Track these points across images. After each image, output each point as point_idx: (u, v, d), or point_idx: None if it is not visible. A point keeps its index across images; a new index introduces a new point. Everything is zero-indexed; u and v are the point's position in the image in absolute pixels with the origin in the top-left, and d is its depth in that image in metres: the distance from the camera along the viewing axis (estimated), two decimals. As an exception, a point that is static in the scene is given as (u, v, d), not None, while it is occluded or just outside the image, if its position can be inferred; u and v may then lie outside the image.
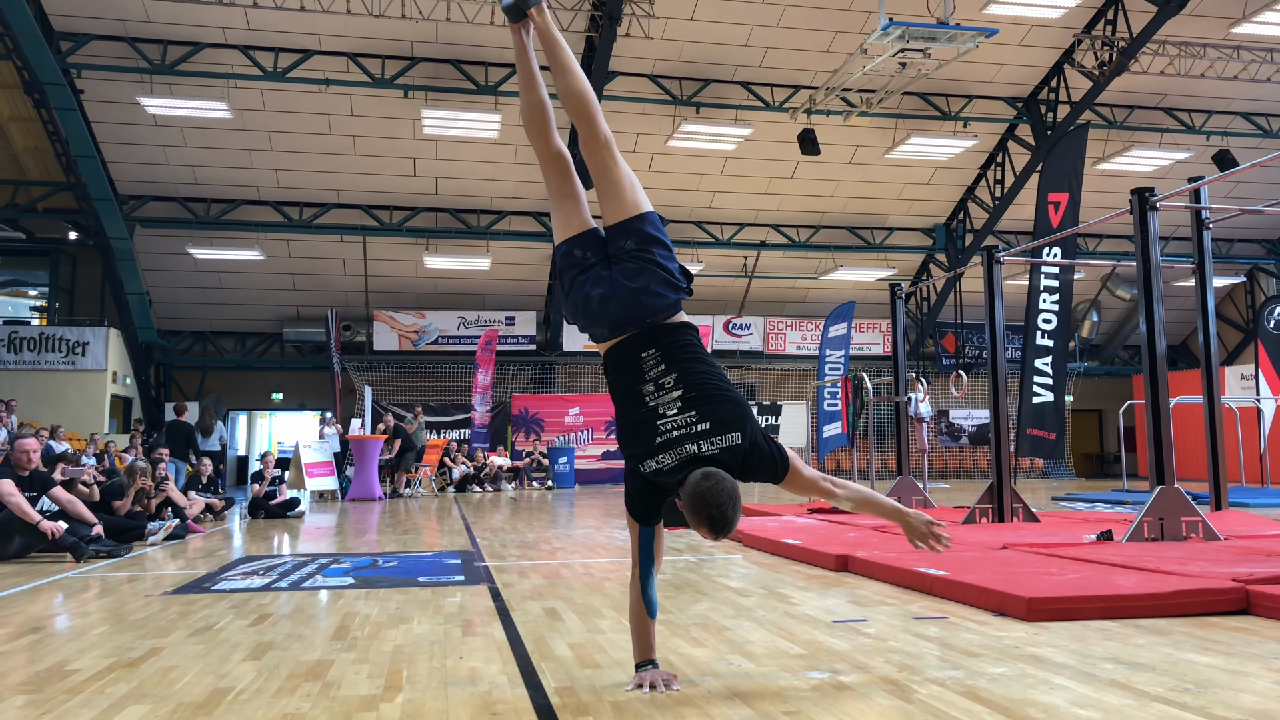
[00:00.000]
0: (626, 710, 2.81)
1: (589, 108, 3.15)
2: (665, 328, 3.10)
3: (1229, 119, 20.97)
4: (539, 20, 3.22)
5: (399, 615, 4.59)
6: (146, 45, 16.72)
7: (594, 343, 3.23)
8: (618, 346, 3.12)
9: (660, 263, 3.10)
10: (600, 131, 3.14)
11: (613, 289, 3.06)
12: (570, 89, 3.16)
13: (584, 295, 3.10)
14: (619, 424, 3.12)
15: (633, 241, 3.12)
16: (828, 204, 22.30)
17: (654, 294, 3.06)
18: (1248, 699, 2.79)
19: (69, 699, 3.08)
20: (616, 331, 3.11)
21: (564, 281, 3.19)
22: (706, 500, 2.80)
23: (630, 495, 3.07)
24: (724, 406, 2.99)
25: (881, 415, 22.39)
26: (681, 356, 3.06)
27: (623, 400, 3.09)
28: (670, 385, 3.01)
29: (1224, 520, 7.25)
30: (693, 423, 2.94)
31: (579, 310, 3.14)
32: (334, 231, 20.89)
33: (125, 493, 8.92)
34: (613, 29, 15.99)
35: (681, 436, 2.93)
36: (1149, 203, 6.89)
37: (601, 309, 3.06)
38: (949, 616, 4.24)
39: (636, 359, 3.07)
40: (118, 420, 21.01)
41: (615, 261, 3.12)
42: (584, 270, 3.13)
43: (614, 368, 3.13)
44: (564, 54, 3.21)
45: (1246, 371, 20.93)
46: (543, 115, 3.23)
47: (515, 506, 13.88)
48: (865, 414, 11.77)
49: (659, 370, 3.04)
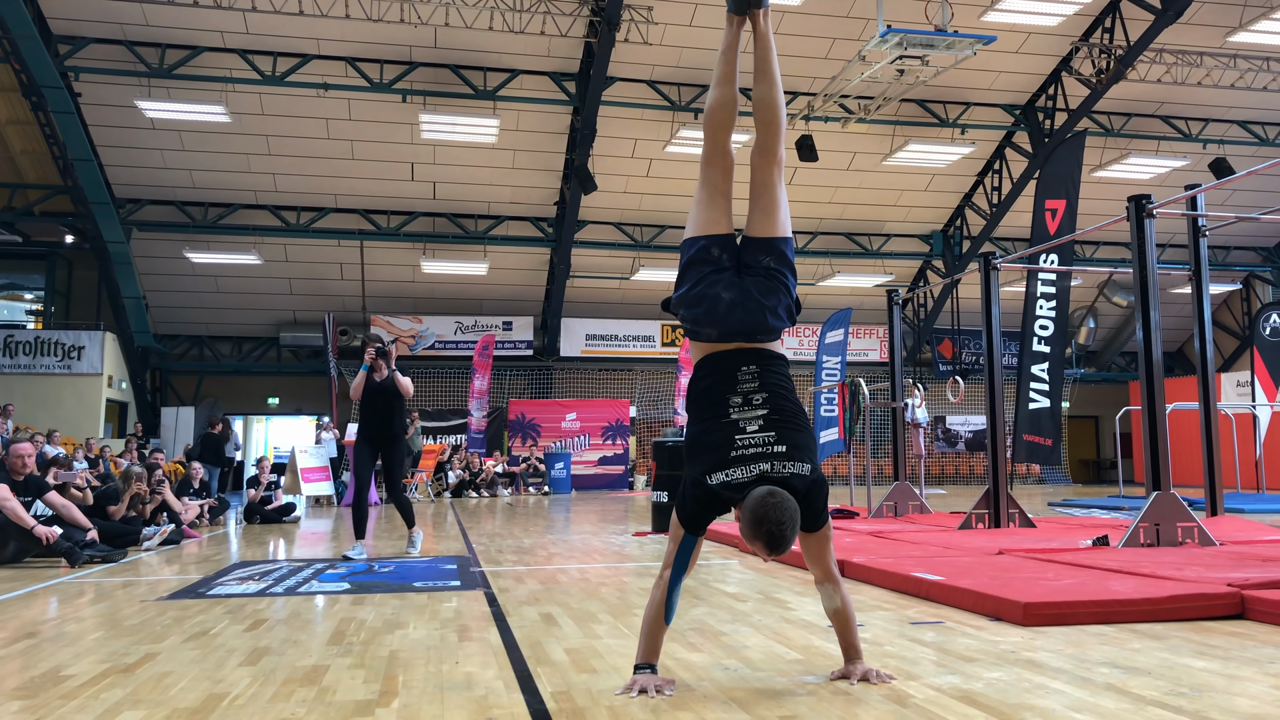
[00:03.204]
0: (623, 715, 2.80)
1: (780, 120, 3.23)
2: (769, 351, 3.16)
3: (1225, 127, 21.03)
4: (760, 21, 3.26)
5: (395, 620, 4.58)
6: (144, 49, 16.73)
7: (692, 339, 3.24)
8: (720, 354, 3.15)
9: (789, 289, 3.19)
10: (780, 146, 3.23)
11: (743, 298, 3.12)
12: (769, 97, 3.22)
13: (714, 294, 3.14)
14: (693, 432, 3.11)
15: (773, 260, 3.19)
16: (826, 210, 22.34)
17: (778, 315, 3.15)
18: (1243, 703, 2.79)
19: (64, 704, 3.07)
20: (726, 338, 3.14)
21: (690, 274, 3.21)
22: (769, 515, 2.81)
23: (686, 503, 3.05)
24: (802, 435, 3.04)
25: (878, 421, 22.41)
26: (775, 380, 3.11)
27: (705, 408, 3.10)
28: (759, 403, 3.04)
29: (1220, 526, 7.25)
30: (770, 443, 2.98)
31: (702, 306, 3.15)
32: (331, 236, 20.90)
33: (120, 497, 8.91)
34: (611, 34, 16.02)
35: (757, 454, 2.96)
36: (1146, 210, 6.90)
37: (728, 313, 3.11)
38: (945, 621, 4.24)
39: (735, 370, 3.10)
40: (113, 425, 20.98)
41: (748, 272, 3.18)
42: (718, 270, 3.18)
43: (708, 373, 3.15)
44: (774, 60, 3.26)
45: (1242, 378, 20.94)
46: (730, 113, 3.27)
47: (511, 512, 13.87)
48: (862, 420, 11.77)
49: (753, 386, 3.07)
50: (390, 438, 7.69)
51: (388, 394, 7.62)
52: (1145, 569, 5.01)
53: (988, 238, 22.22)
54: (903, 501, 10.14)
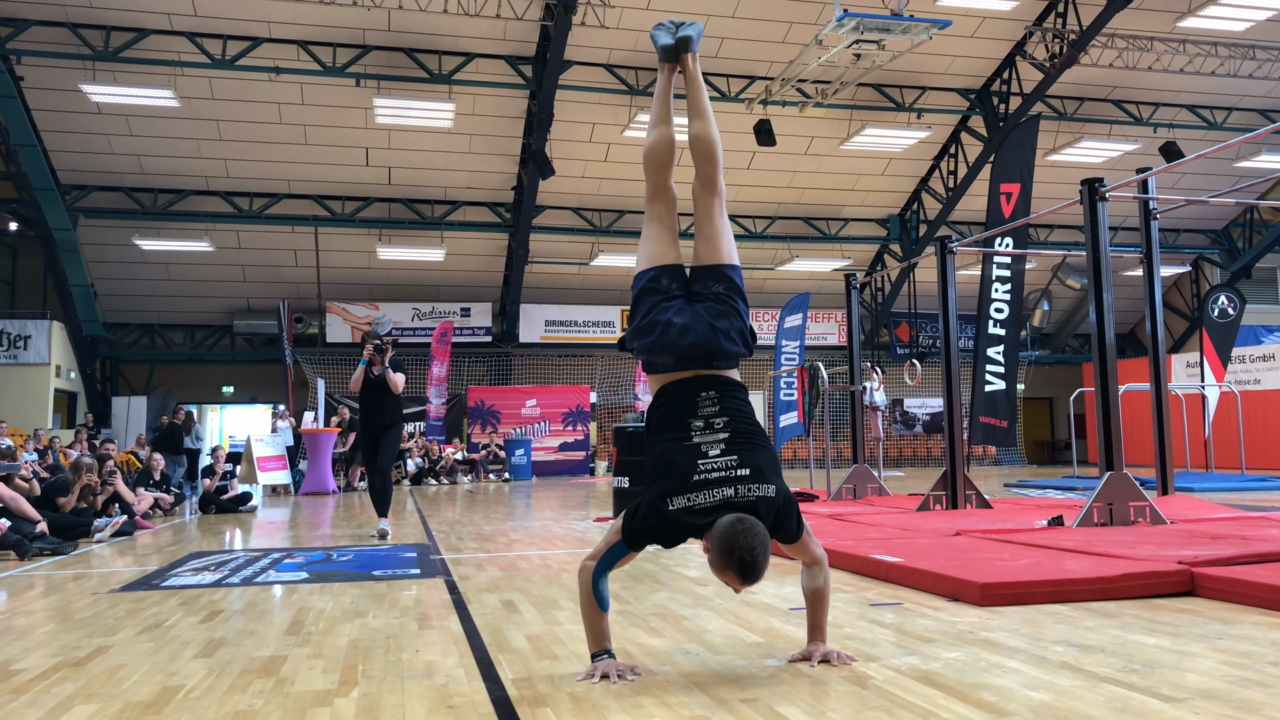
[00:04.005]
0: (584, 701, 2.80)
1: (716, 153, 3.36)
2: (727, 378, 3.16)
3: (1175, 111, 21.37)
4: (690, 64, 3.44)
5: (354, 609, 4.54)
6: (89, 31, 16.34)
7: (649, 372, 3.25)
8: (677, 383, 3.14)
9: (741, 315, 3.22)
10: (719, 178, 3.36)
11: (695, 321, 3.14)
12: (704, 132, 3.34)
13: (665, 320, 3.15)
14: (654, 455, 3.06)
15: (722, 287, 3.24)
16: (783, 195, 22.41)
17: (732, 339, 3.16)
18: (1193, 679, 2.84)
19: (14, 699, 3.01)
20: (681, 365, 3.14)
21: (642, 306, 3.24)
22: (740, 541, 2.76)
23: (636, 521, 2.98)
24: (765, 455, 3.01)
25: (837, 404, 22.59)
26: (735, 405, 3.10)
27: (665, 430, 3.07)
28: (720, 426, 3.02)
29: (1170, 505, 7.39)
30: (733, 466, 2.94)
31: (654, 333, 3.16)
32: (285, 222, 20.61)
33: (70, 489, 8.74)
34: (568, 18, 15.90)
35: (720, 479, 2.91)
36: (1098, 193, 6.99)
37: (679, 337, 3.12)
38: (904, 603, 4.29)
39: (694, 396, 3.09)
40: (62, 415, 20.58)
41: (699, 299, 3.22)
42: (667, 298, 3.22)
43: (666, 400, 3.13)
44: (705, 98, 3.39)
45: (1192, 359, 21.37)
46: (669, 151, 3.39)
47: (471, 499, 13.81)
48: (821, 403, 11.85)
49: (713, 410, 3.05)
50: (386, 426, 8.33)
51: (385, 386, 8.30)
52: (1099, 548, 5.10)
53: (944, 222, 22.42)
54: (861, 484, 10.23)
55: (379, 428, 8.35)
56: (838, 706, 2.67)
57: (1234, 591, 4.04)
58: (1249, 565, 4.42)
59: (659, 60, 3.48)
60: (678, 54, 3.44)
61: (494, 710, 2.76)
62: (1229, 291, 17.29)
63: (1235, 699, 2.62)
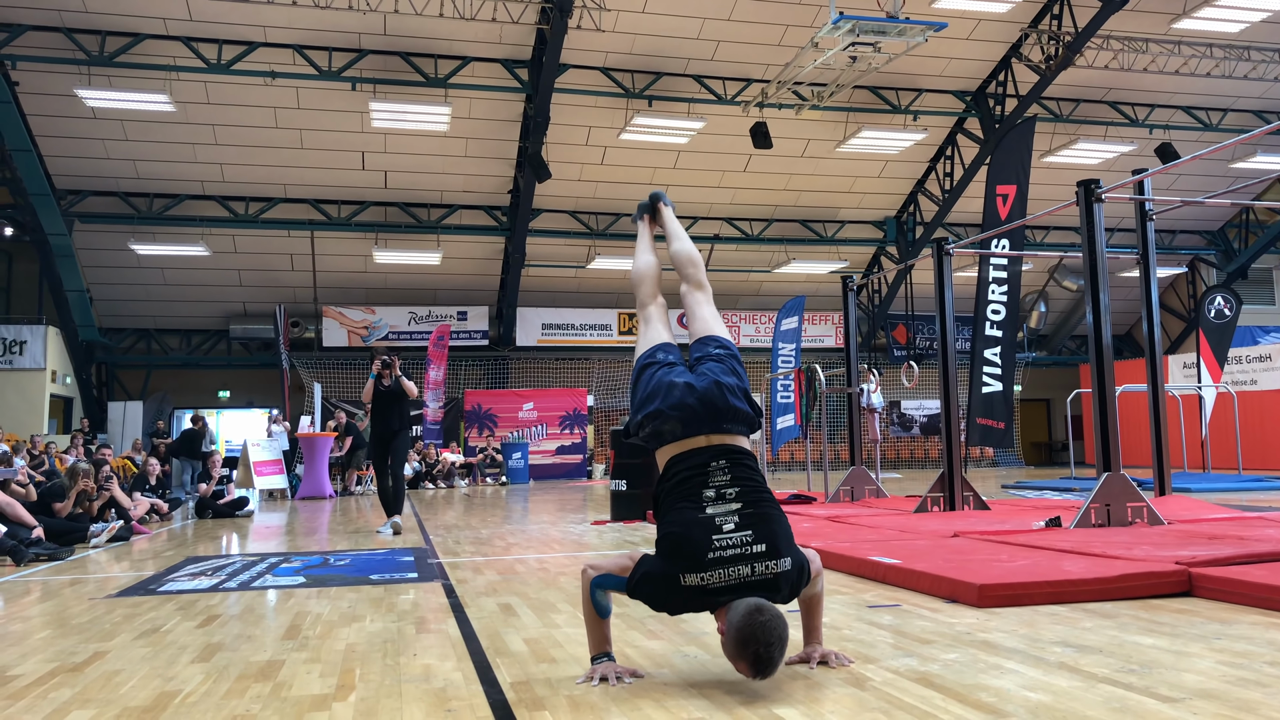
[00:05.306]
0: (582, 704, 2.79)
1: (698, 262, 3.60)
2: (737, 447, 3.08)
3: (1170, 113, 21.41)
4: (663, 212, 3.78)
5: (351, 614, 4.53)
6: (84, 36, 16.34)
7: (656, 446, 3.16)
8: (687, 453, 3.06)
9: (742, 377, 3.24)
10: (704, 278, 3.57)
11: (699, 380, 3.13)
12: (683, 250, 3.61)
13: (668, 382, 3.13)
14: (666, 529, 2.97)
15: (722, 351, 3.29)
16: (780, 197, 22.42)
17: (739, 397, 3.13)
18: (1191, 679, 2.84)
19: (10, 705, 3.00)
20: (691, 428, 3.06)
21: (643, 380, 3.24)
22: (756, 637, 2.68)
23: (644, 584, 2.93)
24: (779, 527, 2.93)
25: (834, 407, 22.58)
26: (746, 474, 3.02)
27: (677, 501, 2.99)
28: (732, 497, 2.94)
29: (1168, 505, 7.40)
30: (749, 543, 2.85)
31: (658, 398, 3.10)
32: (281, 226, 20.60)
33: (66, 494, 8.71)
34: (564, 21, 15.91)
35: (736, 556, 2.83)
36: (1094, 195, 6.99)
37: (686, 394, 3.07)
38: (902, 604, 4.28)
39: (705, 466, 3.01)
40: (58, 420, 20.55)
41: (700, 363, 3.26)
42: (668, 367, 3.23)
43: (676, 470, 3.05)
44: (676, 226, 3.72)
45: (1189, 360, 21.38)
46: (655, 272, 3.63)
47: (469, 503, 13.79)
48: (818, 406, 11.85)
49: (725, 480, 2.97)
50: (395, 431, 9.16)
51: (393, 396, 9.16)
52: (1096, 549, 5.09)
53: (940, 223, 22.44)
54: (859, 486, 10.23)
55: (389, 433, 9.12)
56: (836, 708, 2.66)
57: (1231, 592, 4.04)
58: (1246, 565, 4.42)
59: (635, 220, 3.82)
60: (652, 208, 3.79)
61: (492, 713, 2.75)
62: (1225, 292, 17.30)
63: (1233, 699, 2.62)
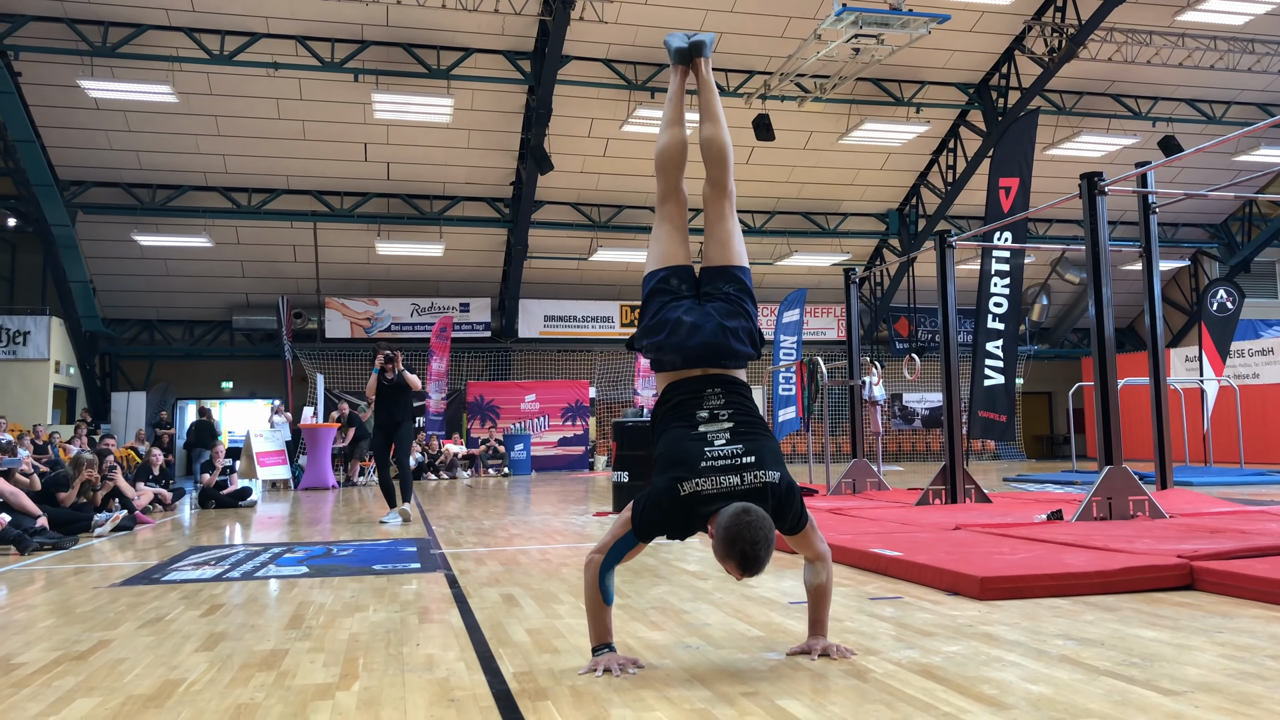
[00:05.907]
0: (585, 694, 2.80)
1: (728, 156, 3.38)
2: (733, 378, 3.21)
3: (1174, 105, 21.35)
4: (703, 69, 3.50)
5: (354, 604, 4.54)
6: (86, 26, 16.31)
7: (657, 370, 3.29)
8: (684, 380, 3.18)
9: (751, 315, 3.28)
10: (729, 180, 3.38)
11: (704, 320, 3.19)
12: (716, 136, 3.37)
13: (674, 319, 3.20)
14: (663, 445, 3.11)
15: (732, 288, 3.29)
16: (783, 190, 22.38)
17: (740, 339, 3.21)
18: (1192, 672, 2.85)
19: (15, 692, 3.01)
20: (690, 363, 3.18)
21: (651, 305, 3.29)
22: (743, 534, 2.79)
23: (649, 509, 3.01)
24: (769, 443, 3.06)
25: (836, 399, 22.60)
26: (739, 400, 3.15)
27: (672, 422, 3.12)
28: (724, 418, 3.07)
29: (1169, 499, 7.40)
30: (738, 454, 2.98)
31: (664, 331, 3.20)
32: (284, 218, 20.59)
33: (70, 484, 8.74)
34: (566, 12, 15.88)
35: (725, 467, 2.95)
36: (1097, 187, 6.99)
37: (689, 335, 3.16)
38: (904, 597, 4.29)
39: (700, 391, 3.14)
40: (62, 411, 20.58)
41: (709, 299, 3.27)
42: (677, 298, 3.27)
43: (673, 395, 3.18)
44: (717, 103, 3.44)
45: (1191, 353, 21.38)
46: (680, 153, 3.42)
47: (471, 494, 13.82)
48: (820, 398, 11.85)
49: (718, 404, 3.10)
50: (398, 422, 9.49)
51: (396, 390, 9.53)
52: (1098, 542, 5.10)
53: (943, 216, 22.40)
54: (861, 478, 10.24)
55: (392, 424, 9.45)
56: (838, 700, 2.67)
57: (1233, 585, 4.05)
58: (1248, 559, 4.43)
59: (672, 63, 3.53)
60: (690, 57, 3.50)
61: (495, 703, 2.77)
62: (1228, 285, 17.28)
63: (1234, 692, 2.63)
